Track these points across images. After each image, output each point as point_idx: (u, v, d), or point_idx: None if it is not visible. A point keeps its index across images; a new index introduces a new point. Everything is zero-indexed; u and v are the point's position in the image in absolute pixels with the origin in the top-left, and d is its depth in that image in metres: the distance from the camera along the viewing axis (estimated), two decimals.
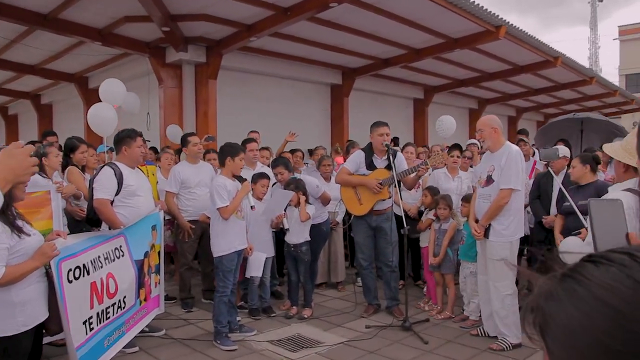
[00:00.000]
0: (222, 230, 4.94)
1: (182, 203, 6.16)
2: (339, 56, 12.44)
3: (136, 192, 4.82)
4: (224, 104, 11.03)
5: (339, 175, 5.91)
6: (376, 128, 5.78)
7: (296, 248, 5.82)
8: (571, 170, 5.23)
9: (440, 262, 5.82)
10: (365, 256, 5.94)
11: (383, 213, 5.84)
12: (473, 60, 13.71)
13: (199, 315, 5.96)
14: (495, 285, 4.88)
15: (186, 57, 10.44)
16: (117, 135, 4.98)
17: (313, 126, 13.64)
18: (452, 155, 6.82)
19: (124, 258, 4.31)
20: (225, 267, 4.97)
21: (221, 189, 4.88)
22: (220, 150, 5.20)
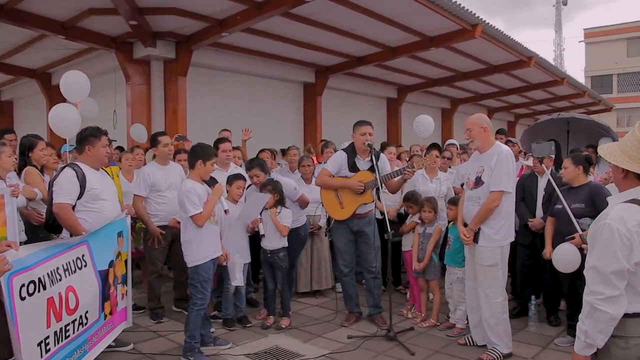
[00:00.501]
0: (195, 237, 4.57)
1: (151, 207, 5.76)
2: (312, 54, 12.15)
3: (100, 195, 4.43)
4: (194, 102, 10.62)
5: (320, 177, 5.59)
6: (358, 127, 5.48)
7: (273, 254, 5.48)
8: (563, 171, 5.01)
9: (424, 268, 5.56)
10: (346, 262, 5.64)
11: (365, 216, 5.55)
12: (447, 59, 13.60)
13: (169, 326, 5.58)
14: (486, 292, 4.63)
15: (155, 52, 10.00)
16: (80, 133, 4.57)
17: (286, 125, 13.36)
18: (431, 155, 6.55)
19: (87, 269, 3.91)
20: (203, 277, 4.59)
21: (192, 194, 4.49)
22: (192, 151, 4.80)
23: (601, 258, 2.30)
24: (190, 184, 4.56)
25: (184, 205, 4.49)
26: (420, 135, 9.31)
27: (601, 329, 2.28)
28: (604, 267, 2.28)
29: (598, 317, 2.28)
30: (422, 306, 5.76)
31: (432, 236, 5.57)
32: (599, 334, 2.29)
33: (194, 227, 4.53)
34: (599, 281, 2.31)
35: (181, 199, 4.52)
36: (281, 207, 5.50)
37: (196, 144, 4.87)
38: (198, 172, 4.66)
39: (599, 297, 2.28)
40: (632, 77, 44.57)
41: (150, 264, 5.85)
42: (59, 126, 6.12)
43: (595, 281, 2.33)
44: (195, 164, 4.64)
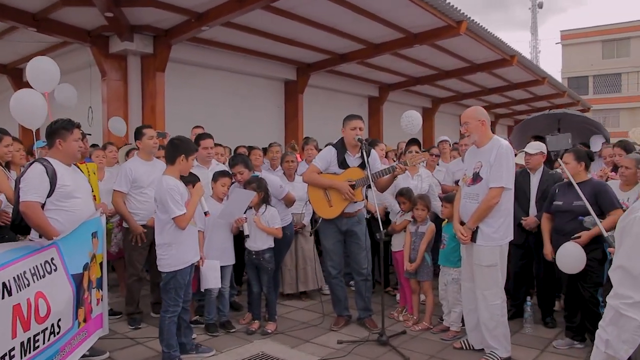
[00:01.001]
0: (174, 240, 4.23)
1: (131, 205, 5.42)
2: (294, 50, 11.90)
3: (73, 193, 4.09)
4: (172, 99, 10.27)
5: (307, 174, 5.31)
6: (348, 121, 5.22)
7: (258, 255, 5.19)
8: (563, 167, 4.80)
9: (417, 269, 5.32)
10: (335, 263, 5.36)
11: (354, 215, 5.29)
12: (430, 57, 13.47)
13: (148, 332, 5.25)
14: (484, 294, 4.40)
15: (132, 47, 9.64)
16: (50, 126, 4.22)
17: (267, 123, 13.09)
18: (411, 151, 6.32)
19: (58, 273, 3.57)
20: (179, 284, 4.27)
21: (175, 192, 4.16)
22: (173, 145, 4.43)
23: (631, 257, 2.06)
24: (172, 181, 4.22)
25: (166, 205, 4.14)
26: (408, 131, 9.09)
27: (626, 338, 2.04)
28: (633, 267, 2.03)
29: (623, 325, 2.04)
30: (414, 308, 5.51)
31: (424, 235, 5.33)
32: (623, 344, 2.05)
33: (174, 228, 4.20)
34: (627, 283, 2.06)
35: (162, 198, 4.17)
36: (266, 206, 5.22)
37: (176, 137, 4.54)
38: (179, 168, 4.33)
39: (625, 302, 2.04)
40: (607, 78, 45.06)
41: (129, 266, 5.51)
42: (21, 114, 5.66)
43: (623, 283, 2.09)
44: (177, 159, 4.30)
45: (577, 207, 4.51)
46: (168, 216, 4.18)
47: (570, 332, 4.83)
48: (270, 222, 5.20)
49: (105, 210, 4.63)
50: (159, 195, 4.23)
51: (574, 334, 4.80)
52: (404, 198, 5.62)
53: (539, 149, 5.46)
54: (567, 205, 4.64)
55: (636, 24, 42.89)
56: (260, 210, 5.21)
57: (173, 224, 4.19)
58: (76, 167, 4.44)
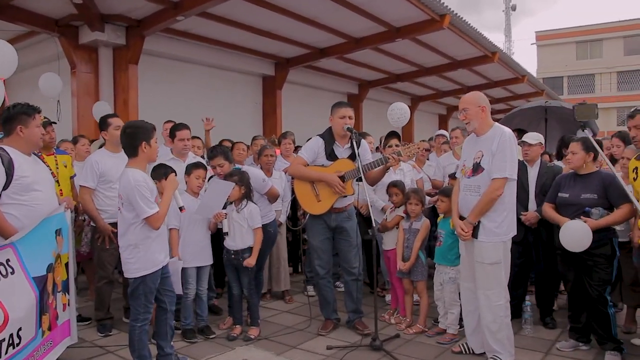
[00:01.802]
0: (141, 241, 3.70)
1: (99, 201, 4.97)
2: (273, 44, 11.49)
3: (33, 185, 3.65)
4: (145, 93, 9.75)
5: (293, 166, 4.93)
6: (337, 109, 4.86)
7: (238, 255, 4.78)
8: (570, 157, 4.49)
9: (410, 268, 4.97)
10: (323, 262, 4.98)
11: (343, 211, 4.92)
12: (411, 53, 13.23)
13: (119, 339, 4.80)
14: (486, 294, 4.08)
15: (103, 38, 9.08)
16: (7, 110, 3.77)
17: (244, 119, 12.66)
18: (391, 145, 6.00)
19: (16, 276, 3.12)
20: (149, 289, 3.79)
21: (144, 188, 3.62)
22: (128, 135, 3.79)
23: None
24: (139, 175, 3.66)
25: (135, 204, 3.61)
26: (395, 124, 8.79)
27: None
28: None
29: None
30: (407, 310, 5.17)
31: (419, 232, 4.98)
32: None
33: (141, 228, 3.69)
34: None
35: (129, 195, 3.62)
36: (247, 202, 4.82)
37: (126, 125, 3.95)
38: (144, 157, 3.78)
39: None
40: (581, 79, 45.54)
41: (99, 268, 5.04)
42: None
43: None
44: (139, 148, 3.73)
45: (585, 200, 4.21)
46: (134, 215, 3.67)
47: (574, 333, 4.53)
48: (250, 220, 4.80)
49: (70, 204, 4.16)
50: (125, 191, 3.66)
51: (578, 335, 4.50)
52: (398, 189, 5.27)
53: (538, 140, 5.17)
54: (574, 197, 4.33)
55: (609, 25, 43.49)
56: (240, 206, 4.80)
57: (140, 224, 3.67)
58: (37, 156, 3.99)
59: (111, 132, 5.03)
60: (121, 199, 3.73)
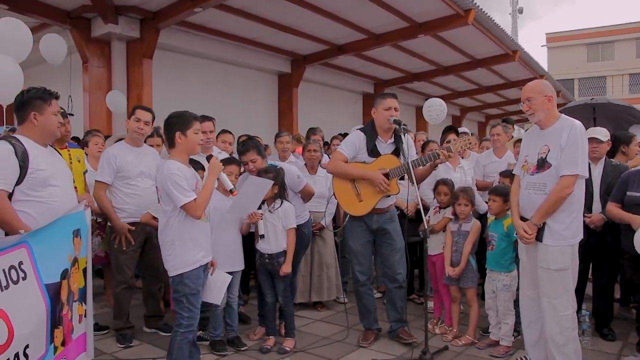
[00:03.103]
0: (180, 236, 3.40)
1: (117, 199, 4.54)
2: (290, 39, 11.13)
3: (49, 180, 3.23)
4: (159, 89, 9.37)
5: (333, 163, 4.47)
6: (381, 100, 4.42)
7: (273, 260, 4.34)
8: None
9: (460, 274, 4.53)
10: (364, 268, 4.54)
11: (386, 212, 4.48)
12: (431, 50, 12.85)
13: (141, 351, 4.38)
14: (552, 304, 3.63)
15: (116, 30, 8.74)
16: (20, 95, 3.36)
17: (259, 118, 12.29)
18: (449, 141, 5.57)
19: (27, 282, 2.67)
20: (190, 290, 3.41)
21: (178, 177, 3.32)
22: (165, 124, 3.55)
23: None
24: (173, 165, 3.37)
25: (170, 194, 3.32)
26: (433, 122, 8.35)
27: None
28: None
29: None
30: (454, 320, 4.72)
31: (469, 235, 4.54)
32: None
33: (179, 222, 3.38)
34: None
35: (164, 186, 3.35)
36: (282, 202, 4.40)
37: (168, 116, 3.61)
38: (182, 148, 3.47)
39: None
40: (592, 81, 44.98)
41: (116, 272, 4.60)
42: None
43: None
44: (174, 138, 3.45)
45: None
46: (172, 208, 3.37)
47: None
48: (285, 221, 4.37)
49: (90, 202, 3.73)
50: (160, 183, 3.45)
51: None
52: (447, 188, 4.84)
53: (607, 136, 4.74)
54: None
55: (621, 27, 42.95)
56: (273, 205, 4.38)
57: (177, 217, 3.38)
58: (53, 149, 3.58)
59: (131, 123, 4.61)
60: (159, 191, 3.51)
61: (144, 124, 4.61)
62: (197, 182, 3.50)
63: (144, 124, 4.61)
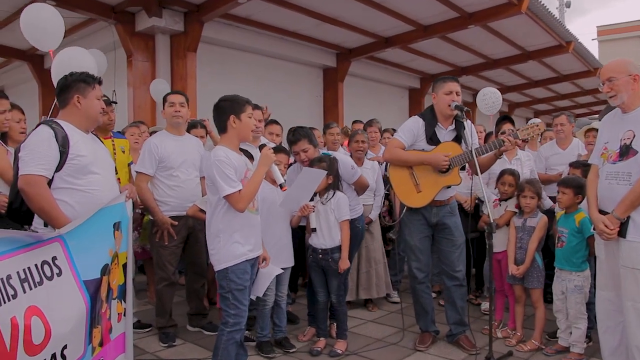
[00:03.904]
0: (225, 228, 3.16)
1: (159, 191, 4.33)
2: (336, 32, 10.82)
3: (90, 167, 3.03)
4: (203, 83, 9.22)
5: (389, 150, 4.14)
6: (442, 84, 4.08)
7: (326, 255, 4.06)
8: None
9: (525, 272, 4.17)
10: (422, 265, 4.21)
11: (446, 204, 4.16)
12: (479, 42, 12.34)
13: (185, 351, 4.18)
14: (637, 308, 3.24)
15: (160, 24, 8.59)
16: (63, 79, 3.18)
17: (304, 113, 12.00)
18: (504, 131, 5.23)
19: (62, 279, 2.47)
20: (236, 285, 3.15)
21: (225, 165, 3.07)
22: (217, 110, 3.32)
23: None
24: (222, 152, 3.14)
25: (215, 182, 3.10)
26: (487, 112, 7.96)
27: None
28: None
29: None
30: (518, 323, 4.36)
31: (535, 231, 4.18)
32: None
33: (225, 212, 3.15)
34: None
35: (210, 173, 3.15)
36: (334, 192, 4.11)
37: (220, 99, 3.39)
38: (235, 134, 3.25)
39: None
40: None
41: (158, 268, 4.40)
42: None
43: None
44: (227, 122, 3.22)
45: None
46: (218, 198, 3.14)
47: None
48: (338, 212, 4.08)
49: (132, 193, 3.47)
50: (206, 170, 3.25)
51: None
52: (513, 179, 4.49)
53: None
54: None
55: None
56: (326, 196, 4.10)
57: (223, 207, 3.16)
58: (95, 136, 3.39)
59: (166, 111, 4.44)
60: (206, 180, 3.29)
61: (179, 105, 4.44)
62: (247, 171, 3.25)
63: (180, 106, 4.44)
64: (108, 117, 4.39)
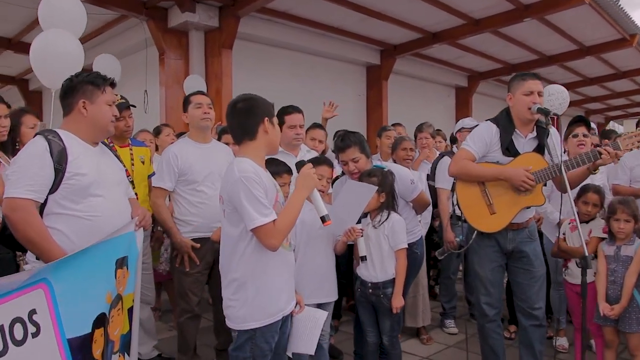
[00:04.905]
0: (257, 273, 2.43)
1: (181, 209, 3.70)
2: (380, 27, 10.16)
3: (91, 188, 2.45)
4: (239, 81, 8.67)
5: (457, 163, 3.42)
6: (520, 83, 3.38)
7: (378, 290, 3.38)
8: None
9: (620, 313, 3.43)
10: (493, 300, 3.49)
11: (524, 227, 3.44)
12: (534, 37, 11.49)
13: None
14: None
15: (194, 19, 8.11)
16: (68, 81, 2.60)
17: (346, 113, 11.17)
18: (576, 134, 4.50)
19: (39, 340, 1.84)
20: (261, 352, 2.44)
21: (256, 185, 2.34)
22: (238, 111, 2.56)
23: None
24: (247, 165, 2.40)
25: (240, 207, 2.35)
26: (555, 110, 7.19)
27: None
28: None
29: None
30: None
31: (633, 261, 3.43)
32: None
33: (252, 251, 2.42)
34: None
35: (232, 195, 2.38)
36: (389, 214, 3.44)
37: (235, 98, 2.66)
38: (265, 143, 2.54)
39: None
40: None
41: (180, 299, 3.76)
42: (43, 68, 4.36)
43: None
44: (259, 127, 2.51)
45: None
46: (242, 229, 2.41)
47: None
48: (393, 239, 3.39)
49: (145, 220, 2.82)
50: (227, 190, 2.42)
51: None
52: (598, 197, 3.75)
53: None
54: None
55: None
56: (378, 219, 3.44)
57: (249, 244, 2.42)
58: (106, 146, 2.81)
59: (191, 113, 3.79)
60: (222, 202, 2.48)
61: (208, 107, 3.81)
62: (277, 195, 2.53)
63: (208, 108, 3.81)
64: (125, 123, 3.82)
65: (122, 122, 3.74)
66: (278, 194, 2.55)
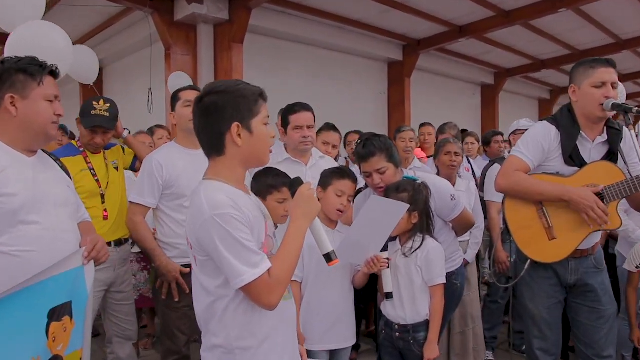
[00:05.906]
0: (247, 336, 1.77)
1: (164, 229, 3.07)
2: (402, 20, 9.58)
3: (21, 212, 1.84)
4: (250, 78, 8.11)
5: (507, 174, 2.71)
6: (589, 71, 2.66)
7: (406, 335, 2.68)
8: None
9: None
10: (549, 345, 2.79)
11: (589, 254, 2.75)
12: (567, 30, 10.84)
13: None
14: None
15: (202, 11, 7.61)
16: None
17: (366, 112, 10.91)
18: None
19: None
20: None
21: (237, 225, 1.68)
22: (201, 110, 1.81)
23: None
24: (219, 195, 1.72)
25: (219, 259, 1.69)
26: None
27: None
28: None
29: None
30: None
31: None
32: None
33: (242, 310, 1.76)
34: None
35: (203, 241, 1.72)
36: (423, 239, 2.74)
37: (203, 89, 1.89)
38: (236, 156, 1.81)
39: None
40: None
41: (165, 337, 3.10)
42: None
43: None
44: (224, 136, 1.78)
45: None
46: (221, 283, 1.75)
47: None
48: (428, 271, 2.70)
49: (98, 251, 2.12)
50: (195, 232, 1.75)
51: None
52: None
53: None
54: None
55: None
56: (409, 246, 2.75)
57: (233, 302, 1.76)
58: (48, 155, 2.19)
59: (179, 112, 3.18)
60: (191, 247, 1.80)
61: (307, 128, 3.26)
62: (266, 225, 1.86)
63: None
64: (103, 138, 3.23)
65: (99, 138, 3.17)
66: (267, 223, 1.88)
